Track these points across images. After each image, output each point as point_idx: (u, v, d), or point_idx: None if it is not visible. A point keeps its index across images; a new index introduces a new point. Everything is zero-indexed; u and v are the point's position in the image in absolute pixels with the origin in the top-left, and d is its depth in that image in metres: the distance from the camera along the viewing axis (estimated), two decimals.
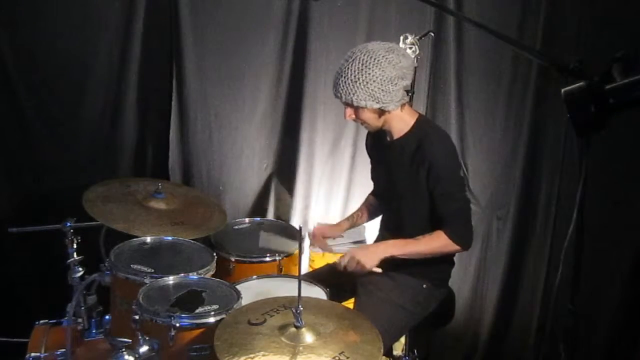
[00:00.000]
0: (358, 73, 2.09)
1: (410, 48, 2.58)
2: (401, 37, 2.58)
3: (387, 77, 2.09)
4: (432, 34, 2.89)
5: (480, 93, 3.08)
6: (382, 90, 2.10)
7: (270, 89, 3.20)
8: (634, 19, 2.35)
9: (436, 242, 2.20)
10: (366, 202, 2.68)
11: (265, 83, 3.19)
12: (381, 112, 2.19)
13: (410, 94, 2.73)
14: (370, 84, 2.09)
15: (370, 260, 2.21)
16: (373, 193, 2.64)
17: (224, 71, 3.13)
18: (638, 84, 1.20)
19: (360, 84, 2.09)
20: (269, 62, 3.16)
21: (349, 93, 2.12)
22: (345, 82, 2.12)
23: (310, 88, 3.19)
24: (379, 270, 2.25)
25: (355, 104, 2.14)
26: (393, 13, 3.16)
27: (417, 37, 2.60)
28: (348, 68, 2.11)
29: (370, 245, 2.32)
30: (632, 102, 1.21)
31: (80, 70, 2.99)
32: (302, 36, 3.14)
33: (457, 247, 2.21)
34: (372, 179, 2.54)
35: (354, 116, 2.22)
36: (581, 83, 1.22)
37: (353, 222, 2.65)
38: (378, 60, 2.09)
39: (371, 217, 2.67)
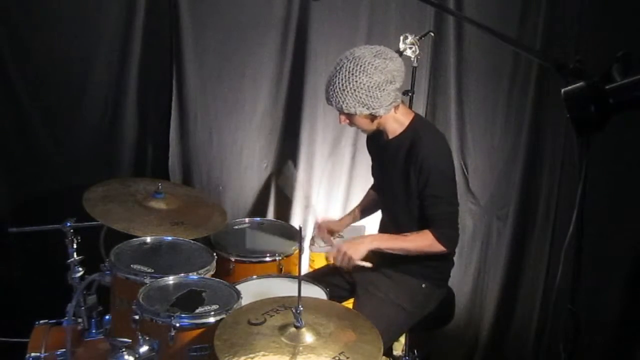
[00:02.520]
0: (345, 81, 2.10)
1: (410, 48, 2.58)
2: (401, 37, 2.58)
3: (375, 84, 2.10)
4: (432, 34, 2.90)
5: (480, 93, 3.07)
6: (370, 96, 2.11)
7: (270, 89, 3.20)
8: (634, 19, 2.35)
9: (422, 241, 2.21)
10: (367, 197, 2.70)
11: (265, 83, 3.19)
12: (373, 117, 2.20)
13: (410, 94, 2.75)
14: (358, 92, 2.10)
15: (357, 251, 2.21)
16: (373, 188, 2.66)
17: (224, 71, 3.13)
18: (638, 84, 1.20)
19: (348, 91, 2.11)
20: (269, 62, 3.16)
21: (339, 101, 2.14)
22: (334, 90, 2.14)
23: (310, 88, 3.19)
24: (369, 264, 2.25)
25: (345, 111, 2.17)
26: (393, 13, 3.16)
27: (417, 37, 2.60)
28: (336, 76, 2.13)
29: (357, 237, 2.33)
30: (632, 102, 1.21)
31: (80, 70, 2.98)
32: (302, 36, 3.14)
33: (441, 248, 2.22)
34: (373, 175, 2.57)
35: (348, 121, 2.24)
36: (581, 83, 1.22)
37: (354, 216, 2.68)
38: (364, 67, 2.09)
39: (371, 211, 2.68)
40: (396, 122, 2.26)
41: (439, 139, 2.30)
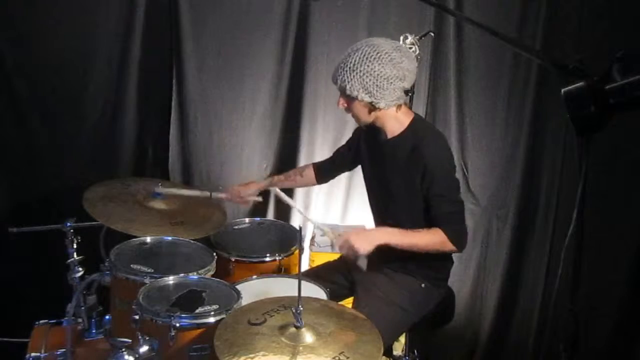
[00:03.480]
0: (358, 63, 2.11)
1: (410, 48, 2.57)
2: (401, 37, 2.57)
3: (385, 75, 2.10)
4: (432, 34, 2.89)
5: (480, 93, 3.08)
6: (377, 85, 2.11)
7: (270, 89, 3.20)
8: (634, 19, 2.35)
9: (434, 239, 2.19)
10: (300, 169, 2.76)
11: (265, 83, 3.19)
12: (372, 108, 2.20)
13: (410, 94, 2.74)
14: (367, 77, 2.11)
15: (364, 244, 2.16)
16: (318, 164, 2.72)
17: (224, 71, 3.13)
18: (638, 84, 1.20)
19: (356, 73, 2.11)
20: (269, 62, 3.16)
21: (345, 80, 2.14)
22: (343, 69, 2.14)
23: (310, 88, 3.19)
24: (364, 267, 2.24)
25: (347, 92, 2.16)
26: (393, 13, 3.16)
27: (417, 37, 2.59)
28: (350, 56, 2.14)
29: (368, 229, 2.28)
30: (632, 102, 1.21)
31: (80, 70, 2.99)
32: (302, 36, 3.14)
33: (453, 247, 2.21)
34: (334, 153, 2.67)
35: (346, 105, 2.24)
36: (581, 83, 1.22)
37: (272, 182, 2.74)
38: (380, 56, 2.10)
39: (296, 184, 2.80)
40: (396, 121, 2.26)
41: (440, 139, 2.30)
